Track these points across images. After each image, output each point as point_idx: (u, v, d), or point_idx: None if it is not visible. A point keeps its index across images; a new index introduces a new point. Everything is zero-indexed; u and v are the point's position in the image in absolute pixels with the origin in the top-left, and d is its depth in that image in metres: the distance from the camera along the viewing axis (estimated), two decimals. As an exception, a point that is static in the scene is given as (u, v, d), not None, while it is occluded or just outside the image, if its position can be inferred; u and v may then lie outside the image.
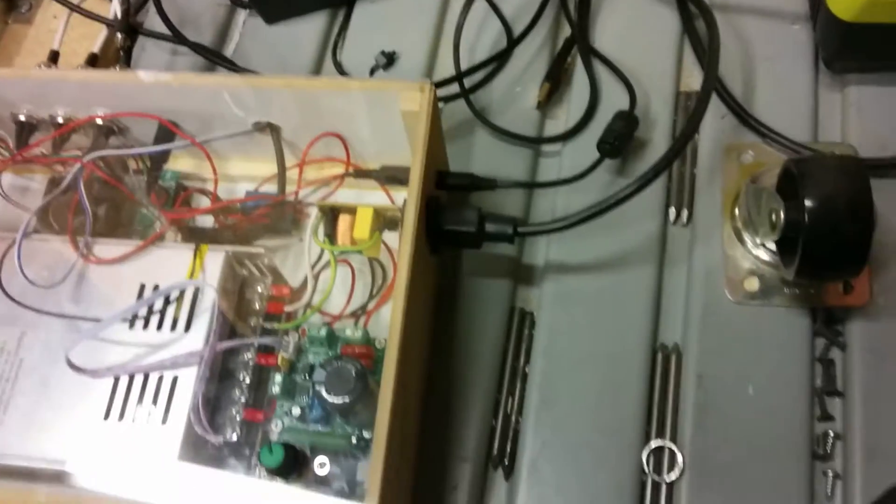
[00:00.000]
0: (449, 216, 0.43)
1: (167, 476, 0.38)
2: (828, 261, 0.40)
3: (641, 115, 0.51)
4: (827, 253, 0.39)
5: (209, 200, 0.48)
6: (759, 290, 0.46)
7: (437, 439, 0.45)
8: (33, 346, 0.41)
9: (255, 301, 0.45)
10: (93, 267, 0.43)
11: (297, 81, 0.44)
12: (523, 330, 0.48)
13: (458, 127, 0.54)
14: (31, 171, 0.51)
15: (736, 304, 0.46)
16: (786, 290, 0.46)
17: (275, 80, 0.44)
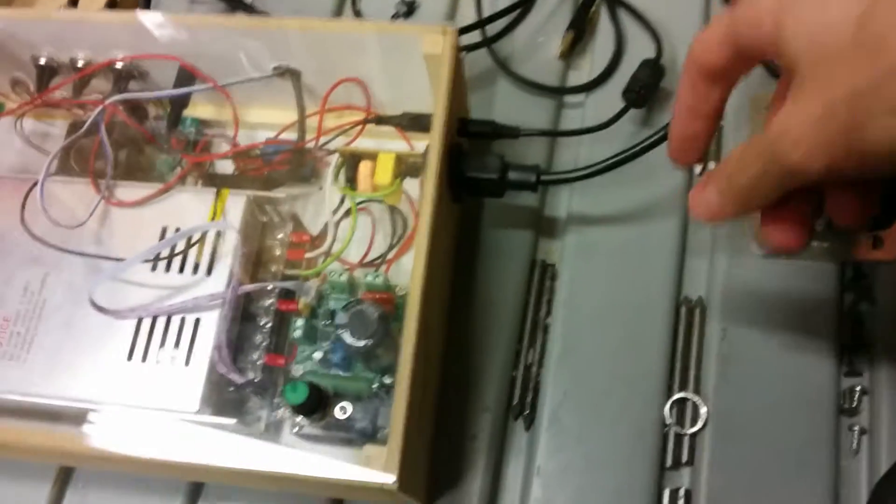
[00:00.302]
0: (471, 163, 0.43)
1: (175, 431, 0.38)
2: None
3: (668, 64, 0.50)
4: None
5: (229, 147, 0.47)
6: (786, 242, 0.45)
7: (458, 389, 0.44)
8: (56, 287, 0.41)
9: (276, 248, 0.44)
10: (114, 209, 0.43)
11: (316, 24, 0.43)
12: (545, 282, 0.48)
13: (480, 77, 0.53)
14: (51, 116, 0.51)
15: (762, 257, 0.45)
16: (814, 244, 0.45)
17: (294, 22, 0.43)
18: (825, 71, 0.25)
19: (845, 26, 0.24)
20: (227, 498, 0.44)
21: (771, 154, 0.27)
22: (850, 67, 0.24)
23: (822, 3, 0.25)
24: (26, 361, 0.39)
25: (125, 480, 0.44)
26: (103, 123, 0.44)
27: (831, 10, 0.25)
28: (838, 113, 0.24)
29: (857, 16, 0.24)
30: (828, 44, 0.25)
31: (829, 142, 0.25)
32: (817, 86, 0.25)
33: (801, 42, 0.26)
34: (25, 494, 0.45)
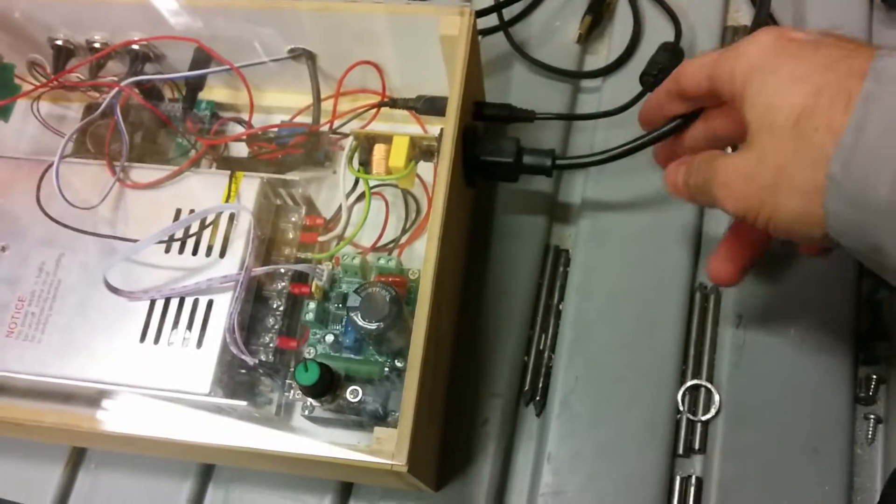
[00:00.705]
0: (486, 146, 0.42)
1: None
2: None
3: (687, 48, 0.50)
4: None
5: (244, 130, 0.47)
6: (804, 229, 0.44)
7: (469, 374, 0.44)
8: (71, 268, 0.41)
9: (289, 231, 0.44)
10: (129, 191, 0.43)
11: (332, 5, 0.43)
12: (558, 267, 0.47)
13: (497, 61, 0.53)
14: (67, 99, 0.51)
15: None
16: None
17: (310, 4, 0.43)
18: (766, 141, 0.30)
19: (791, 113, 0.29)
20: (238, 480, 0.44)
21: (709, 183, 0.33)
22: (783, 147, 0.29)
23: (782, 84, 0.30)
24: (41, 342, 0.40)
25: (137, 462, 0.44)
26: (119, 105, 0.44)
27: (786, 94, 0.29)
28: (763, 177, 0.30)
29: (802, 107, 0.29)
30: (774, 122, 0.29)
31: (746, 195, 0.31)
32: (756, 150, 0.30)
33: (758, 111, 0.30)
34: (38, 475, 0.45)
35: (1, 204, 0.43)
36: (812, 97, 0.28)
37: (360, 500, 0.43)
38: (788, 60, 0.30)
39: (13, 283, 0.41)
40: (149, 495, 0.44)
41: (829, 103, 0.28)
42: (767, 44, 0.31)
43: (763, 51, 0.31)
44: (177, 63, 0.48)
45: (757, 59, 0.31)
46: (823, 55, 0.29)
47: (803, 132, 0.28)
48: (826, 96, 0.28)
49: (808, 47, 0.30)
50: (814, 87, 0.28)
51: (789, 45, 0.30)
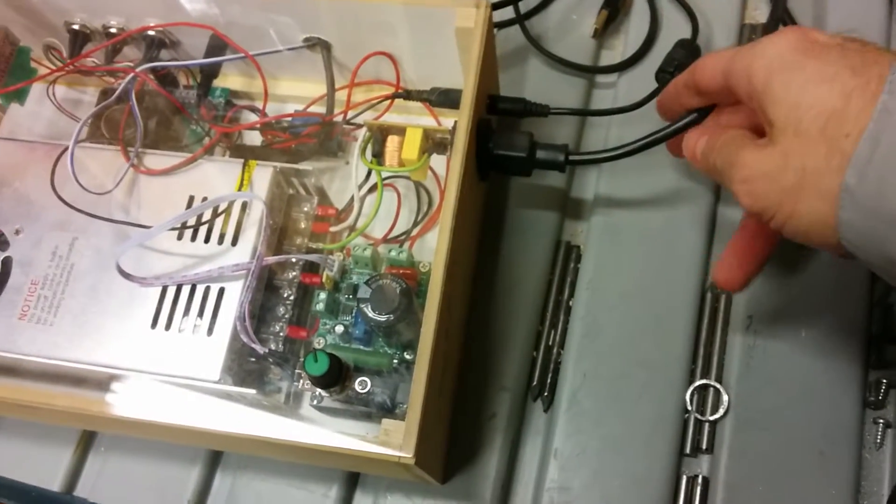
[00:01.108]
0: (499, 140, 0.42)
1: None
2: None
3: (703, 45, 0.50)
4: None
5: (257, 118, 0.47)
6: (818, 230, 0.44)
7: (478, 368, 0.44)
8: (84, 252, 0.41)
9: (301, 221, 0.44)
10: (143, 177, 0.43)
11: (350, -5, 0.43)
12: (569, 263, 0.47)
13: (512, 54, 0.53)
14: (82, 83, 0.51)
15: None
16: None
17: (327, -7, 0.43)
18: (791, 140, 0.29)
19: (820, 113, 0.28)
20: (246, 467, 0.44)
21: (728, 171, 0.33)
22: (810, 148, 0.28)
23: (809, 82, 0.29)
24: (53, 325, 0.40)
25: (146, 446, 0.45)
26: (134, 91, 0.44)
27: (815, 93, 0.29)
28: (786, 177, 0.29)
29: (832, 109, 0.28)
30: (802, 120, 0.29)
31: (766, 194, 0.30)
32: (781, 148, 0.30)
33: (782, 110, 0.30)
34: (49, 457, 0.45)
35: (16, 187, 0.43)
36: (842, 100, 0.28)
37: (366, 491, 0.43)
38: (814, 60, 0.29)
39: (26, 265, 0.41)
40: (157, 480, 0.44)
41: (859, 110, 0.27)
42: (791, 42, 0.30)
43: (786, 49, 0.30)
44: (192, 49, 0.48)
45: (779, 58, 0.30)
46: (850, 57, 0.29)
47: (833, 137, 0.28)
48: (857, 102, 0.27)
49: (834, 50, 0.29)
50: (844, 89, 0.28)
51: (814, 47, 0.30)
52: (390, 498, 0.43)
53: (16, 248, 0.42)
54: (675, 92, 0.39)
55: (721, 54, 0.34)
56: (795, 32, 0.31)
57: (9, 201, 0.43)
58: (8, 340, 0.40)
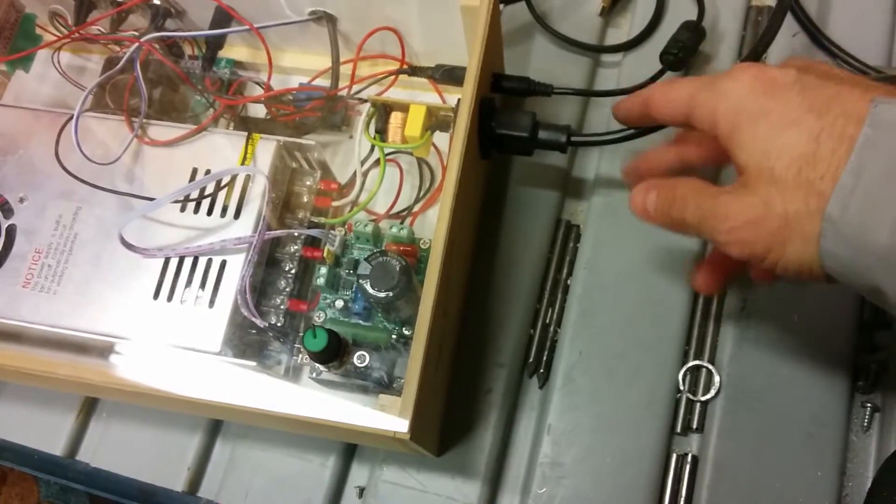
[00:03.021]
0: (502, 119, 0.42)
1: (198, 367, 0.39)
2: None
3: (709, 27, 0.49)
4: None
5: (262, 90, 0.48)
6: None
7: (475, 343, 0.45)
8: (88, 221, 0.41)
9: (304, 194, 0.45)
10: (147, 148, 0.43)
11: (356, -30, 0.43)
12: (568, 242, 0.48)
13: (517, 31, 0.52)
14: (87, 50, 0.51)
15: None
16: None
17: (334, -34, 0.43)
18: (769, 188, 0.30)
19: (791, 161, 0.29)
20: (245, 436, 0.45)
21: (708, 222, 0.32)
22: (788, 195, 0.29)
23: (775, 129, 0.30)
24: (56, 293, 0.40)
25: (148, 414, 0.46)
26: (139, 61, 0.44)
27: (782, 140, 0.29)
28: (770, 223, 0.30)
29: (802, 155, 0.29)
30: (774, 168, 0.29)
31: (753, 241, 0.30)
32: (759, 195, 0.30)
33: (753, 158, 0.30)
34: (51, 422, 0.46)
35: (21, 155, 0.43)
36: (811, 144, 0.28)
37: (363, 462, 0.44)
38: (777, 104, 0.30)
39: (30, 234, 0.42)
40: (158, 447, 0.45)
41: (830, 152, 0.28)
42: (749, 83, 0.31)
43: (747, 92, 0.31)
44: (198, 20, 0.48)
45: (742, 101, 0.31)
46: (811, 97, 0.29)
47: (808, 181, 0.28)
48: (826, 143, 0.28)
49: (794, 90, 0.30)
50: (811, 133, 0.29)
51: (774, 87, 0.30)
52: (386, 469, 0.43)
53: (20, 217, 0.42)
54: (631, 111, 0.39)
55: (678, 91, 0.34)
56: (750, 70, 0.31)
57: (13, 169, 0.43)
58: (11, 308, 0.40)
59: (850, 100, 0.28)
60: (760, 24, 0.51)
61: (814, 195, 0.28)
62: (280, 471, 0.44)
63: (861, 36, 0.49)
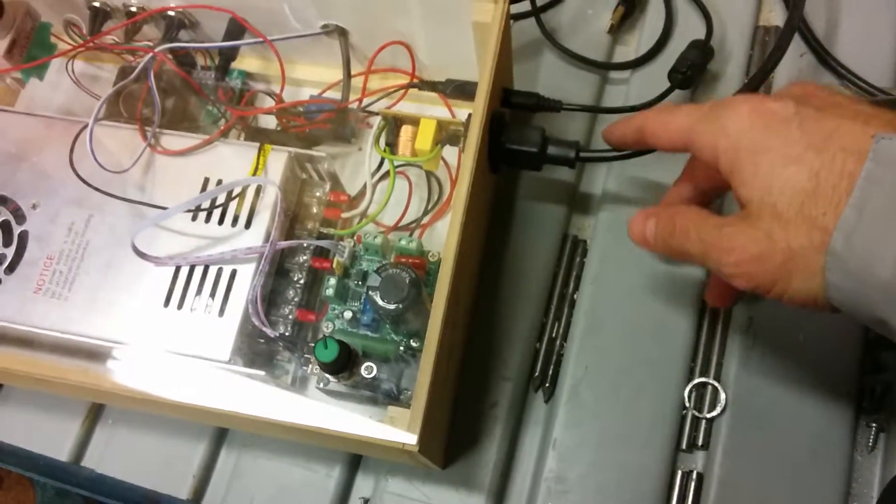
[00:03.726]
0: (512, 135, 0.43)
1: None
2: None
3: (717, 46, 0.50)
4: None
5: (273, 101, 0.48)
6: (822, 235, 0.45)
7: (481, 357, 0.45)
8: (99, 229, 0.42)
9: (313, 205, 0.45)
10: (159, 157, 0.44)
11: (369, -16, 0.43)
12: (575, 257, 0.48)
13: (526, 47, 0.53)
14: (101, 59, 0.52)
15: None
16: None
17: (347, -18, 0.43)
18: (772, 224, 0.30)
19: (794, 198, 0.29)
20: (251, 445, 0.45)
21: (712, 254, 0.32)
22: (792, 230, 0.29)
23: (776, 166, 0.30)
24: (67, 300, 0.41)
25: (153, 421, 0.46)
26: (152, 71, 0.44)
27: (784, 177, 0.30)
28: (775, 258, 0.30)
29: (803, 192, 0.29)
30: (776, 204, 0.30)
31: (759, 274, 0.31)
32: (763, 230, 0.30)
33: (755, 193, 0.31)
34: (57, 427, 0.47)
35: (34, 162, 0.43)
36: (811, 181, 0.29)
37: (367, 473, 0.44)
38: (777, 140, 0.30)
39: (42, 240, 0.42)
40: (163, 455, 0.45)
41: (831, 188, 0.28)
42: (748, 118, 0.31)
43: (746, 127, 0.31)
44: (211, 31, 0.48)
45: (742, 137, 0.31)
46: (810, 133, 0.30)
47: (810, 216, 0.29)
48: (826, 179, 0.29)
49: (793, 124, 0.30)
50: (811, 170, 0.29)
51: (773, 122, 0.31)
52: (391, 480, 0.44)
53: (32, 223, 0.42)
54: (620, 138, 0.40)
55: (676, 120, 0.35)
56: (749, 103, 0.32)
57: (27, 175, 0.43)
58: (22, 313, 0.40)
59: (849, 135, 0.29)
60: (768, 44, 0.51)
61: (817, 230, 0.29)
62: (285, 480, 0.44)
63: (868, 57, 0.49)
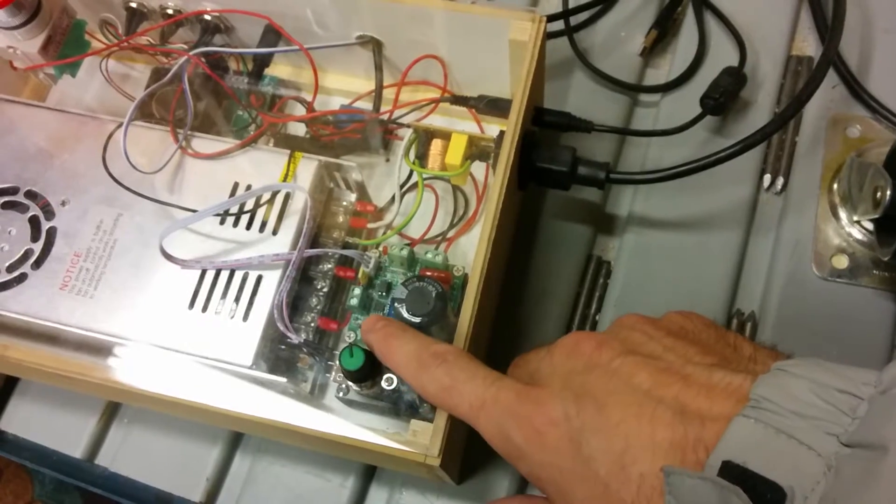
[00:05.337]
0: (543, 153, 0.43)
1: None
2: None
3: (749, 74, 0.50)
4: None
5: (304, 109, 0.48)
6: (848, 268, 0.45)
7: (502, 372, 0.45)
8: (128, 228, 0.42)
9: (340, 214, 0.45)
10: (189, 160, 0.44)
11: (407, -1, 0.43)
12: (598, 278, 0.48)
13: (557, 65, 0.53)
14: (132, 59, 0.52)
15: (821, 279, 0.45)
16: (875, 272, 0.44)
17: (385, -6, 0.44)
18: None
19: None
20: (265, 451, 0.45)
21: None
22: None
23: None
24: (93, 297, 0.41)
25: (169, 421, 0.46)
26: (186, 74, 0.44)
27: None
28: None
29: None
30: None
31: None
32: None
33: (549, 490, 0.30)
34: (73, 424, 0.47)
35: (65, 159, 0.44)
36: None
37: (381, 485, 0.44)
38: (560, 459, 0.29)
39: (70, 237, 0.42)
40: (178, 456, 0.45)
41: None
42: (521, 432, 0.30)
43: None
44: (245, 36, 0.48)
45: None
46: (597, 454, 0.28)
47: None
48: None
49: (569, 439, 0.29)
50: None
51: (548, 437, 0.29)
52: (405, 493, 0.43)
53: (61, 219, 0.42)
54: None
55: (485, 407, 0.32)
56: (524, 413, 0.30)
57: (58, 172, 0.43)
58: (48, 309, 0.41)
59: (643, 458, 0.26)
60: (800, 74, 0.51)
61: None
62: (298, 488, 0.44)
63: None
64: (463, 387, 0.32)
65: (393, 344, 0.34)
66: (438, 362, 0.33)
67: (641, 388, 0.28)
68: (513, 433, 0.30)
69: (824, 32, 0.51)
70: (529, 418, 0.30)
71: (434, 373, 0.32)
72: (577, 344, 0.31)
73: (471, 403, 0.31)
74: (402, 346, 0.34)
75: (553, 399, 0.30)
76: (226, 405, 0.37)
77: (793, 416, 0.24)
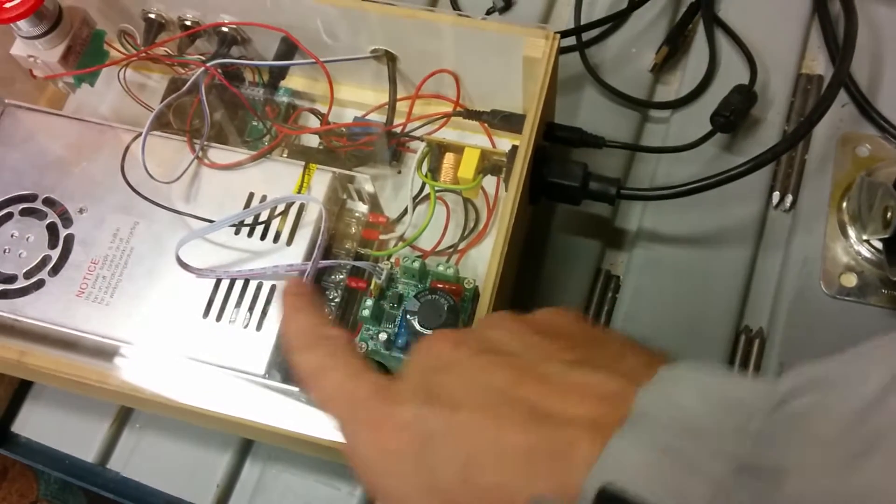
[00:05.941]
0: (554, 168, 0.43)
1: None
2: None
3: (759, 92, 0.50)
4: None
5: (318, 120, 0.49)
6: (857, 286, 0.45)
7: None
8: (144, 237, 0.42)
9: (352, 226, 0.46)
10: (205, 170, 0.44)
11: (422, 14, 0.44)
12: (607, 292, 0.48)
13: (568, 80, 0.54)
14: (149, 69, 0.53)
15: (829, 297, 0.45)
16: (884, 291, 0.45)
17: (400, 9, 0.44)
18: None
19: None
20: (276, 459, 0.45)
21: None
22: None
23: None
24: (109, 304, 0.41)
25: (181, 428, 0.46)
26: (203, 85, 0.45)
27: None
28: None
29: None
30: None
31: None
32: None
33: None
34: (85, 429, 0.47)
35: (84, 167, 0.44)
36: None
37: (390, 494, 0.44)
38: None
39: (88, 244, 0.42)
40: (189, 462, 0.46)
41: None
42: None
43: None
44: (262, 49, 0.49)
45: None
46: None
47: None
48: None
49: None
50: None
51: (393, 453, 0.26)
52: None
53: (78, 227, 0.43)
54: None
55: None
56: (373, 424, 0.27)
57: (76, 180, 0.44)
58: (65, 315, 0.41)
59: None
60: (810, 92, 0.52)
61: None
62: (308, 496, 0.44)
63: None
64: (327, 374, 0.29)
65: (292, 314, 0.32)
66: (321, 344, 0.30)
67: (494, 387, 0.25)
68: (358, 435, 0.27)
69: (834, 51, 0.51)
70: (377, 421, 0.27)
71: (309, 354, 0.30)
72: (435, 342, 0.29)
73: (329, 394, 0.29)
74: (300, 318, 0.32)
75: (404, 399, 0.27)
76: (238, 413, 0.37)
77: (678, 432, 0.21)
